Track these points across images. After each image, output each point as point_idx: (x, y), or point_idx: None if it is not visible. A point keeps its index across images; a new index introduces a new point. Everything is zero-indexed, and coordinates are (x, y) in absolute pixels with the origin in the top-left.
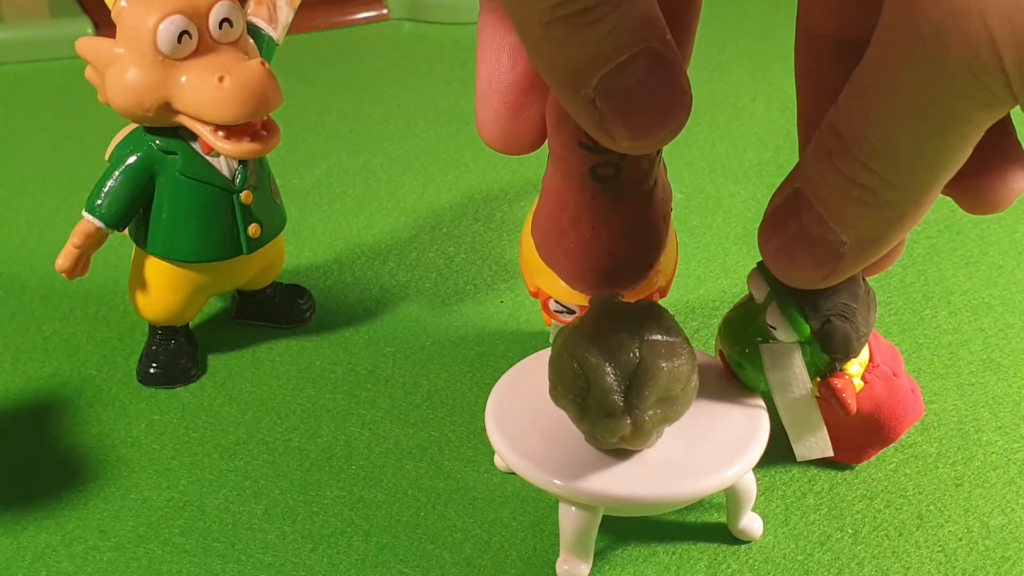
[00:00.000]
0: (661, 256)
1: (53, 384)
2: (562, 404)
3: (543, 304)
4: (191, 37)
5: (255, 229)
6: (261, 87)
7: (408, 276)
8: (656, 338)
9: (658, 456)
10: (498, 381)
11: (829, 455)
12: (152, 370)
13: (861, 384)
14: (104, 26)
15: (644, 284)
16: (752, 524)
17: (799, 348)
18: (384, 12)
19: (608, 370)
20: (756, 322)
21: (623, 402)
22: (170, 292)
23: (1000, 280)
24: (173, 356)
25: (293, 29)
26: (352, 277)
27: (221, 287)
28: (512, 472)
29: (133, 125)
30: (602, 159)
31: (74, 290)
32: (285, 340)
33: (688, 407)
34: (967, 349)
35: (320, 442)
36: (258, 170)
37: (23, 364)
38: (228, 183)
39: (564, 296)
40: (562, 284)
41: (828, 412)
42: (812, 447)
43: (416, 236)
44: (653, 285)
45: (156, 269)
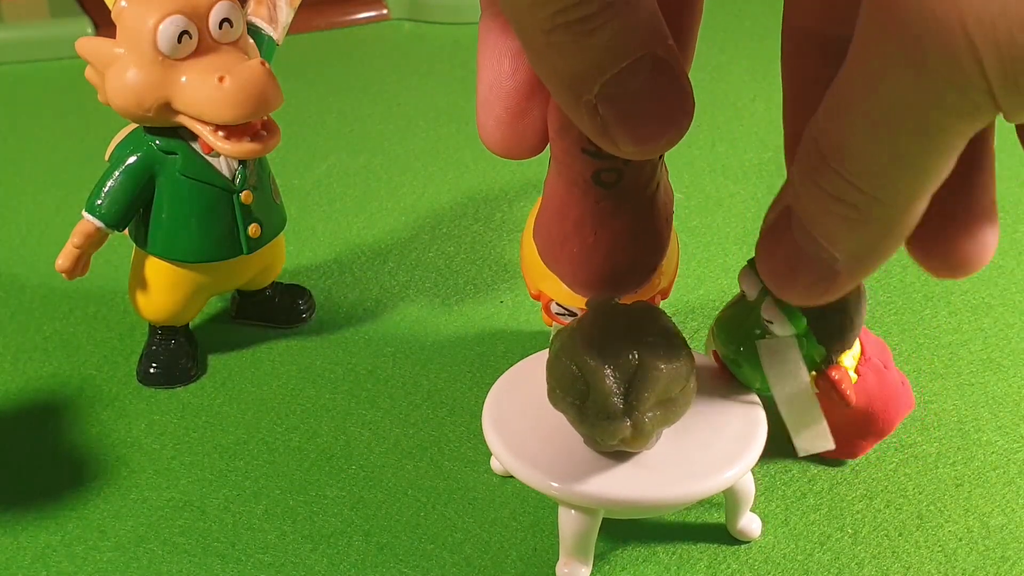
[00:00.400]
0: (664, 259)
1: (53, 384)
2: (561, 407)
3: (544, 306)
4: (191, 37)
5: (255, 229)
6: (261, 87)
7: (408, 276)
8: (654, 340)
9: (657, 458)
10: (495, 384)
11: (831, 448)
12: (152, 370)
13: (855, 377)
14: (104, 26)
15: (646, 287)
16: (751, 524)
17: (796, 342)
18: (384, 12)
19: (607, 373)
20: (750, 319)
21: (623, 404)
22: (170, 292)
23: (1000, 280)
24: (173, 356)
25: (293, 29)
26: (352, 277)
27: (221, 287)
28: (510, 475)
29: (133, 125)
30: (605, 164)
31: (74, 290)
32: (285, 340)
33: (687, 408)
34: (967, 349)
35: (320, 442)
36: (258, 170)
37: (23, 364)
38: (228, 183)
39: (566, 299)
40: (564, 287)
41: (823, 407)
42: (813, 441)
43: (416, 236)
44: (655, 287)
45: (156, 269)
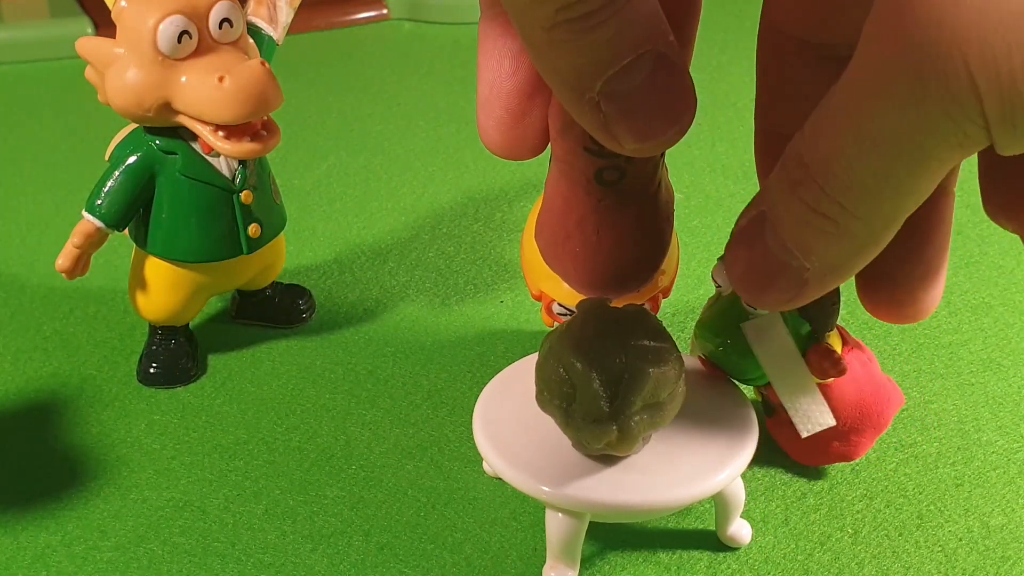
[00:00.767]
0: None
1: (53, 384)
2: (548, 410)
3: (546, 307)
4: (191, 37)
5: (255, 229)
6: (261, 87)
7: (408, 276)
8: (643, 343)
9: (645, 462)
10: (486, 386)
11: (832, 424)
12: (152, 370)
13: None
14: (104, 26)
15: (649, 285)
16: (741, 531)
17: (780, 317)
18: (384, 12)
19: (594, 376)
20: (732, 311)
21: (609, 408)
22: (170, 292)
23: (1000, 280)
24: (173, 356)
25: (293, 29)
26: (352, 277)
27: (221, 287)
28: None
29: (133, 125)
30: (607, 163)
31: (74, 290)
32: (285, 340)
33: (676, 413)
34: (967, 349)
35: (320, 442)
36: (258, 170)
37: (23, 364)
38: (228, 183)
39: (568, 299)
40: (565, 287)
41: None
42: (814, 418)
43: (416, 236)
44: (656, 286)
45: (156, 269)
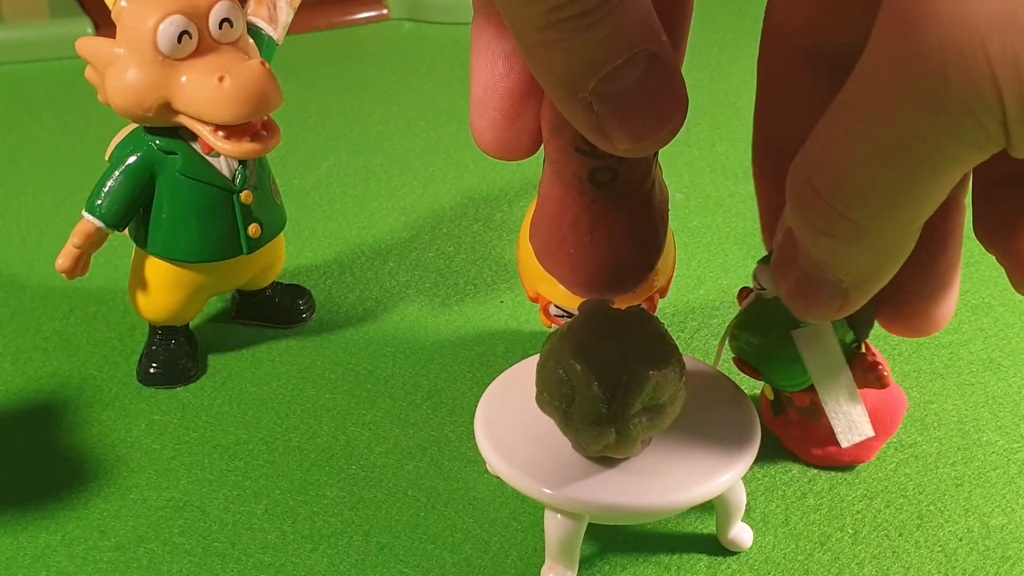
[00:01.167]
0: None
1: (53, 384)
2: (548, 411)
3: (543, 308)
4: (191, 37)
5: (255, 229)
6: (261, 87)
7: (408, 276)
8: (643, 345)
9: (646, 464)
10: (488, 386)
11: (872, 435)
12: (152, 370)
13: None
14: (104, 26)
15: (644, 285)
16: (742, 534)
17: (832, 327)
18: (384, 12)
19: (593, 378)
20: (777, 316)
21: (608, 410)
22: (170, 292)
23: (1000, 280)
24: (173, 356)
25: (293, 29)
26: (352, 277)
27: (221, 287)
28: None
29: (133, 125)
30: (599, 163)
31: (74, 290)
32: (285, 340)
33: (676, 415)
34: (967, 349)
35: (320, 442)
36: (258, 170)
37: (23, 364)
38: (228, 183)
39: (564, 301)
40: (562, 289)
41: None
42: (856, 429)
43: (416, 236)
44: (653, 286)
45: (156, 269)
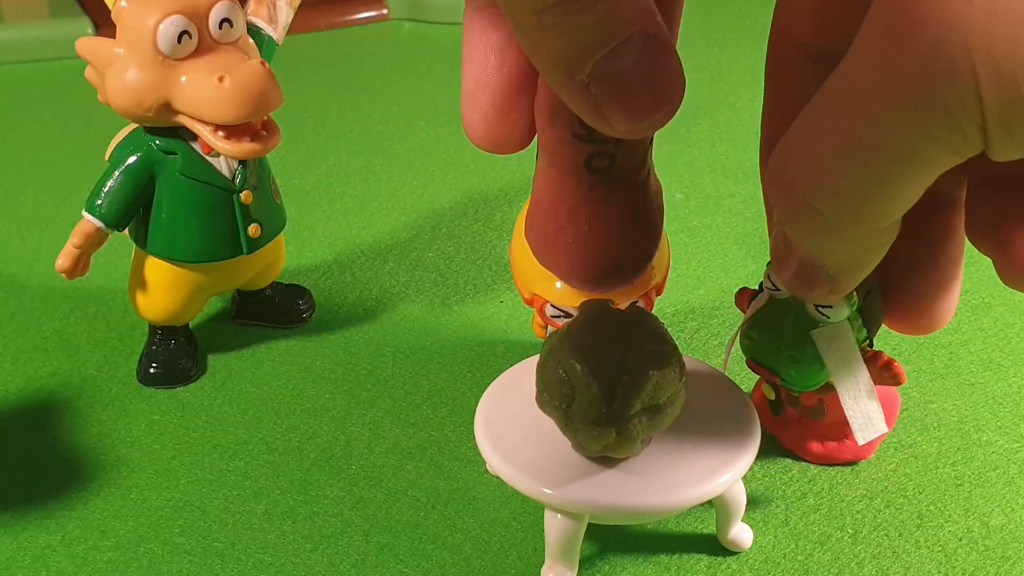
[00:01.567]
0: (657, 249)
1: (53, 384)
2: (548, 411)
3: (539, 310)
4: (191, 37)
5: (255, 229)
6: (261, 87)
7: (408, 276)
8: (644, 345)
9: (646, 464)
10: (490, 386)
11: (886, 432)
12: (152, 370)
13: None
14: (104, 26)
15: (641, 281)
16: (742, 535)
17: (848, 325)
18: (384, 12)
19: (593, 378)
20: (791, 316)
21: (608, 410)
22: (170, 292)
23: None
24: (173, 356)
25: (293, 29)
26: (352, 277)
27: (221, 287)
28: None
29: (133, 125)
30: (596, 149)
31: (74, 290)
32: (285, 340)
33: (676, 415)
34: (967, 349)
35: (320, 442)
36: (258, 170)
37: (23, 364)
38: (228, 183)
39: (561, 299)
40: (558, 288)
41: (833, 405)
42: (873, 426)
43: (416, 236)
44: (649, 282)
45: (156, 269)
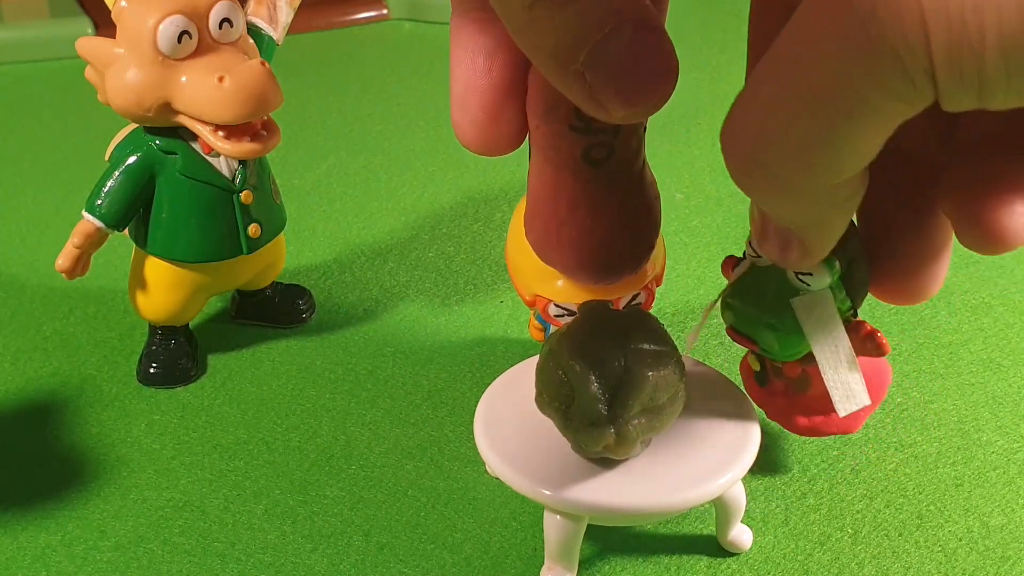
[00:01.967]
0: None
1: (53, 384)
2: (547, 412)
3: (542, 311)
4: (191, 37)
5: (255, 229)
6: (261, 87)
7: (408, 276)
8: (643, 347)
9: (645, 466)
10: (489, 386)
11: (868, 403)
12: (152, 370)
13: None
14: (104, 26)
15: (638, 276)
16: (741, 536)
17: (830, 293)
18: (384, 12)
19: (592, 379)
20: (773, 284)
21: (607, 411)
22: (170, 292)
23: (1000, 280)
24: (173, 356)
25: (293, 29)
26: (352, 277)
27: (221, 287)
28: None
29: (133, 125)
30: (594, 140)
31: (74, 290)
32: (285, 340)
33: (675, 417)
34: (967, 349)
35: (320, 442)
36: (258, 170)
37: (23, 364)
38: (228, 183)
39: (564, 296)
40: (559, 285)
41: (818, 377)
42: (854, 398)
43: (416, 236)
44: (647, 276)
45: (156, 269)
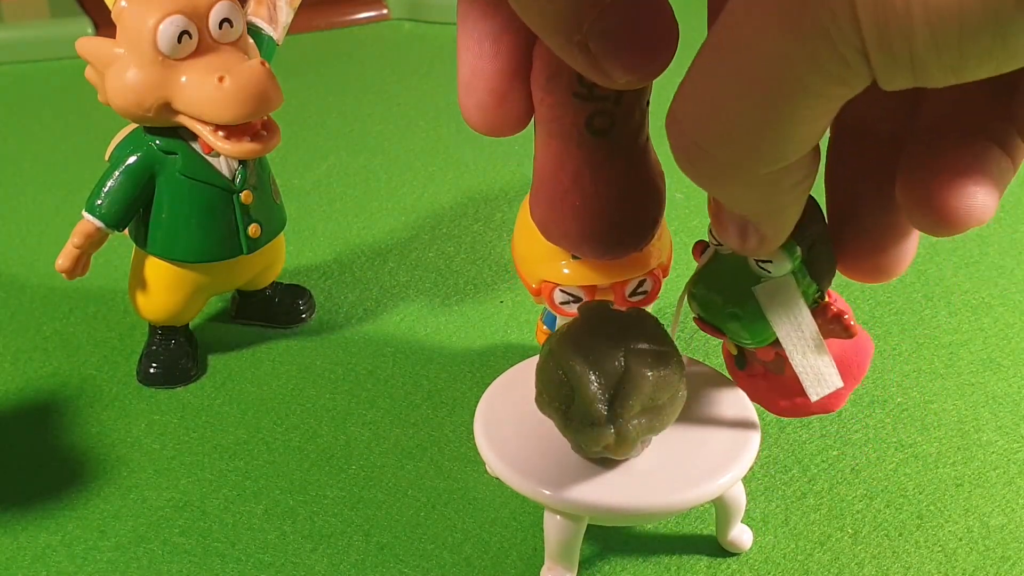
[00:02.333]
0: (662, 216)
1: (53, 384)
2: (547, 412)
3: (548, 298)
4: (191, 37)
5: (255, 229)
6: (261, 87)
7: (408, 276)
8: (643, 347)
9: (645, 466)
10: (489, 386)
11: (840, 386)
12: (152, 370)
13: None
14: (104, 26)
15: (643, 259)
16: (742, 536)
17: (792, 279)
18: (384, 12)
19: (592, 379)
20: (736, 271)
21: (607, 411)
22: (170, 292)
23: (1000, 280)
24: (173, 356)
25: (293, 29)
26: (352, 277)
27: (221, 287)
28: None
29: (133, 125)
30: (597, 107)
31: (74, 290)
32: (285, 340)
33: (675, 417)
34: (967, 349)
35: (320, 442)
36: (258, 170)
37: (23, 364)
38: (228, 183)
39: (569, 279)
40: (566, 269)
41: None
42: (825, 381)
43: (416, 236)
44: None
45: (156, 269)
